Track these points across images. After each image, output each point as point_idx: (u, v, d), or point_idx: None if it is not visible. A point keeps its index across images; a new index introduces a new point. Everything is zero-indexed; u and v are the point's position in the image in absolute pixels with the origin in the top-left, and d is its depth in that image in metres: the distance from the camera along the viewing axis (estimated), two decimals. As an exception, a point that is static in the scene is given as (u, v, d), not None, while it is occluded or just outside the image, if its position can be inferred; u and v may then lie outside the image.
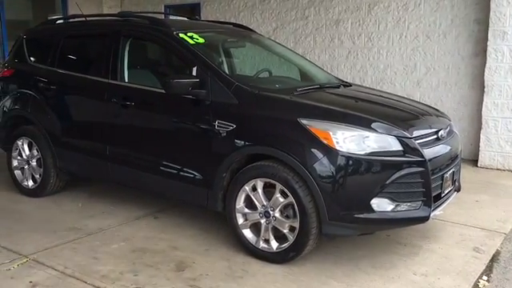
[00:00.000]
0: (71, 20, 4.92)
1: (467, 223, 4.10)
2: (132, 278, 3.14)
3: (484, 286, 3.15)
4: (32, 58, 4.82)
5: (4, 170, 5.03)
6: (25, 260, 3.36)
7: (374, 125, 3.22)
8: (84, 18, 4.75)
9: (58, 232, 3.87)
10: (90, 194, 4.81)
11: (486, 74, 5.87)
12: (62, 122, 4.45)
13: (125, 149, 4.05)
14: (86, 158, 4.31)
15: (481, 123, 6.00)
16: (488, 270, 3.34)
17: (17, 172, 4.81)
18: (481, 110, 6.00)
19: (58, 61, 4.57)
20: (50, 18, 8.21)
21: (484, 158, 5.99)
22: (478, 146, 6.03)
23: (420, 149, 3.20)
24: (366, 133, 3.17)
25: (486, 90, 5.90)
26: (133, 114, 3.96)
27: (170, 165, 3.76)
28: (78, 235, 3.81)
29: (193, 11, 8.70)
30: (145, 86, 4.01)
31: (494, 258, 3.51)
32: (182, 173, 3.71)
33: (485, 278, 3.24)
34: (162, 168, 3.80)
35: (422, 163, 3.16)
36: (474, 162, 6.07)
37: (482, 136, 5.98)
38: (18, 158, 4.78)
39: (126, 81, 4.09)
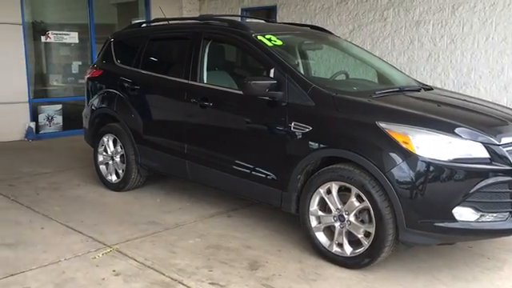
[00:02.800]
0: (155, 24, 5.13)
1: (559, 239, 3.80)
2: (207, 273, 3.23)
3: None
4: (118, 60, 5.09)
5: (91, 165, 5.36)
6: (109, 250, 3.56)
7: (457, 130, 3.08)
8: (167, 22, 4.95)
9: (138, 225, 4.06)
10: (168, 190, 4.99)
11: None
12: (144, 120, 4.66)
13: (202, 148, 4.17)
14: (165, 156, 4.48)
15: None
16: None
17: (102, 167, 5.10)
18: None
19: (142, 62, 4.80)
20: (133, 22, 8.68)
21: None
22: None
23: (509, 157, 3.01)
24: (450, 138, 3.04)
25: None
26: (211, 113, 4.07)
27: (245, 165, 3.83)
28: (156, 229, 3.98)
29: (269, 14, 8.79)
30: (223, 87, 4.11)
31: None
32: (256, 173, 3.76)
33: None
34: (237, 167, 3.87)
35: (511, 172, 2.98)
36: None
37: None
38: (104, 153, 5.07)
39: (205, 82, 4.21)
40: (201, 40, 4.26)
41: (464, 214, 2.98)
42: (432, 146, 3.03)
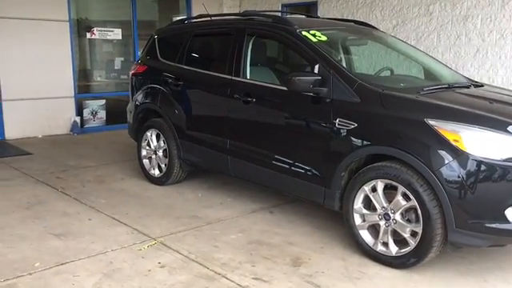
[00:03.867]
0: (198, 20, 5.17)
1: None
2: (250, 268, 3.24)
3: None
4: (162, 56, 5.16)
5: (134, 159, 5.47)
6: (153, 242, 3.62)
7: (511, 128, 2.96)
8: (210, 18, 4.98)
9: (181, 219, 4.12)
10: (209, 185, 5.04)
11: None
12: (187, 115, 4.71)
13: (245, 143, 4.18)
14: (208, 151, 4.52)
15: None
16: None
17: (145, 161, 5.20)
18: None
19: (186, 58, 4.85)
20: (174, 18, 8.79)
21: None
22: None
23: None
24: (503, 136, 2.93)
25: None
26: (254, 109, 4.07)
27: (289, 161, 3.81)
28: (199, 223, 4.02)
29: (309, 9, 8.71)
30: (266, 82, 4.10)
31: None
32: (299, 169, 3.74)
33: None
34: (280, 164, 3.87)
35: None
36: None
37: None
38: (147, 148, 5.16)
39: (248, 78, 4.21)
40: (244, 36, 4.27)
41: (517, 216, 2.87)
42: (484, 144, 2.93)
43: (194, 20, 5.32)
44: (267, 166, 3.96)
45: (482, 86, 4.09)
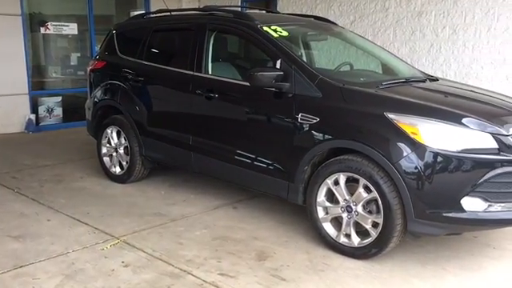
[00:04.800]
0: (158, 15, 5.09)
1: None
2: (216, 264, 3.24)
3: None
4: (121, 51, 5.06)
5: (94, 157, 5.35)
6: (116, 241, 3.56)
7: (465, 120, 3.08)
8: (169, 13, 4.92)
9: (144, 217, 4.06)
10: (172, 182, 4.99)
11: None
12: (149, 112, 4.64)
13: (208, 139, 4.17)
14: (170, 148, 4.48)
15: None
16: None
17: (105, 159, 5.09)
18: None
19: (146, 54, 4.77)
20: (133, 13, 8.62)
21: None
22: None
23: (517, 147, 3.02)
24: (458, 129, 3.05)
25: None
26: (216, 105, 4.06)
27: (252, 156, 3.83)
28: (162, 221, 3.98)
29: (269, 4, 8.74)
30: (228, 78, 4.10)
31: None
32: (263, 164, 3.76)
33: None
34: (244, 159, 3.88)
35: (519, 162, 2.99)
36: None
37: None
38: (107, 145, 5.06)
39: (210, 73, 4.19)
40: (205, 31, 4.24)
41: (472, 204, 2.99)
42: (440, 136, 3.03)
43: (154, 15, 5.24)
44: (231, 161, 3.96)
45: (437, 80, 4.23)
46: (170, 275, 3.09)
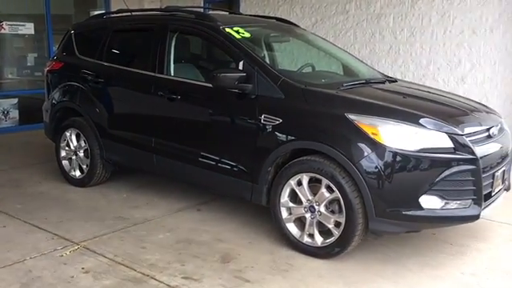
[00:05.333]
0: (118, 15, 5.00)
1: (516, 223, 4.00)
2: (179, 267, 3.21)
3: (536, 287, 3.07)
4: (80, 52, 4.94)
5: (52, 161, 5.19)
6: (76, 247, 3.47)
7: (422, 121, 3.17)
8: (130, 13, 4.84)
9: (105, 221, 3.98)
10: (134, 185, 4.91)
11: (535, 70, 5.68)
12: (109, 114, 4.55)
13: (171, 141, 4.12)
14: (132, 150, 4.40)
15: (528, 121, 5.81)
16: (539, 272, 3.25)
17: (64, 162, 4.96)
18: (528, 107, 5.81)
19: (106, 54, 4.68)
20: (92, 13, 8.43)
21: (531, 157, 5.79)
22: (525, 145, 5.83)
23: (471, 146, 3.13)
24: (415, 129, 3.13)
25: (534, 87, 5.71)
26: (179, 107, 4.02)
27: (216, 158, 3.81)
28: (124, 224, 3.91)
29: (231, 6, 8.73)
30: (191, 79, 4.07)
31: (546, 260, 3.42)
32: (226, 166, 3.75)
33: (536, 279, 3.16)
34: (207, 161, 3.85)
35: (474, 161, 3.10)
36: (520, 161, 5.88)
37: (529, 134, 5.79)
38: (66, 148, 4.92)
39: (173, 74, 4.15)
40: (167, 32, 4.20)
41: (430, 202, 3.07)
42: (399, 136, 3.10)
43: (114, 15, 5.14)
44: (194, 163, 3.93)
45: (396, 81, 4.33)
46: (132, 280, 3.03)
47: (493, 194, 3.36)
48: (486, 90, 6.31)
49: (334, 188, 3.20)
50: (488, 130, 3.40)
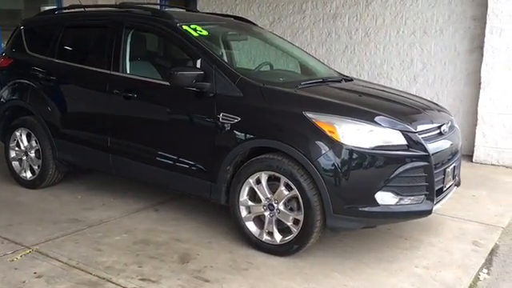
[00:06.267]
0: (71, 10, 4.85)
1: (466, 217, 4.15)
2: (137, 269, 3.14)
3: (484, 278, 3.21)
4: (31, 48, 4.76)
5: (1, 162, 4.97)
6: (28, 251, 3.34)
7: (377, 119, 3.24)
8: (83, 9, 4.70)
9: (58, 223, 3.85)
10: (89, 186, 4.78)
11: (482, 70, 5.93)
12: (62, 112, 4.41)
13: (127, 140, 4.04)
14: (87, 150, 4.28)
15: (476, 119, 6.06)
16: (488, 264, 3.40)
17: (14, 163, 4.76)
18: (476, 105, 6.06)
19: (58, 51, 4.52)
20: (43, 8, 8.14)
21: (479, 154, 6.06)
22: (474, 142, 6.09)
23: (424, 143, 3.23)
24: (371, 127, 3.19)
25: (482, 85, 5.95)
26: (135, 105, 3.94)
27: (174, 157, 3.76)
28: (79, 227, 3.80)
29: (188, 3, 8.65)
30: (148, 77, 3.99)
31: (493, 252, 3.57)
32: (184, 165, 3.71)
33: (485, 271, 3.30)
34: (165, 160, 3.80)
35: (426, 157, 3.20)
36: (469, 157, 6.12)
37: (477, 132, 6.05)
38: (16, 148, 4.73)
39: (128, 72, 4.06)
40: (122, 29, 4.10)
41: (385, 199, 3.15)
42: (355, 134, 3.16)
43: (66, 10, 4.98)
44: (151, 162, 3.87)
45: (352, 80, 4.41)
46: (87, 284, 2.95)
47: (444, 189, 3.48)
48: (436, 89, 6.55)
49: (293, 186, 3.22)
50: (439, 127, 3.52)
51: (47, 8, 7.62)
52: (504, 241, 3.77)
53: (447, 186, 3.54)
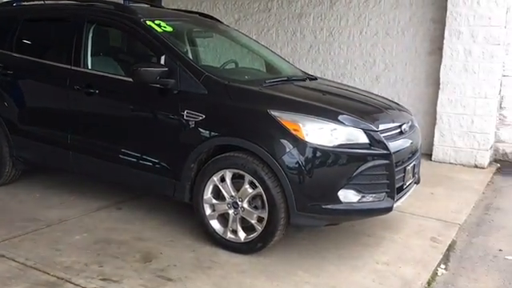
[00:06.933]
0: (31, 3, 4.69)
1: (424, 214, 4.27)
2: (97, 269, 3.08)
3: (442, 274, 3.31)
4: (-15, 42, 4.57)
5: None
6: (-18, 252, 3.22)
7: (341, 117, 3.28)
8: (43, 2, 4.56)
9: (15, 223, 3.72)
10: (47, 184, 4.64)
11: (441, 71, 6.10)
12: (20, 108, 4.28)
13: (88, 137, 3.94)
14: (46, 147, 4.16)
15: (435, 119, 6.24)
16: (445, 259, 3.50)
17: (-32, 161, 4.57)
18: (435, 105, 6.23)
19: (16, 45, 4.37)
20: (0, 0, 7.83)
21: (438, 153, 6.25)
22: (432, 141, 6.27)
23: (385, 142, 3.29)
24: (334, 125, 3.23)
25: (441, 86, 6.13)
26: (97, 101, 3.86)
27: (137, 155, 3.70)
28: (37, 226, 3.68)
29: (153, -1, 8.51)
30: (110, 73, 3.91)
31: (451, 248, 3.69)
32: (148, 163, 3.66)
33: (443, 266, 3.40)
34: (128, 158, 3.73)
35: (387, 156, 3.26)
36: (427, 156, 6.29)
37: (436, 131, 6.22)
38: (-30, 146, 4.54)
39: (90, 68, 3.97)
40: (84, 23, 4.00)
41: (347, 196, 3.19)
42: (319, 132, 3.19)
43: (25, 3, 4.81)
44: (114, 160, 3.79)
45: (316, 79, 4.46)
46: (45, 285, 2.86)
47: (404, 187, 3.57)
48: (397, 89, 6.70)
49: (257, 184, 3.22)
50: (400, 126, 3.60)
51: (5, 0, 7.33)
52: (461, 237, 3.90)
53: (407, 184, 3.63)
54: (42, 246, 3.35)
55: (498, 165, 6.21)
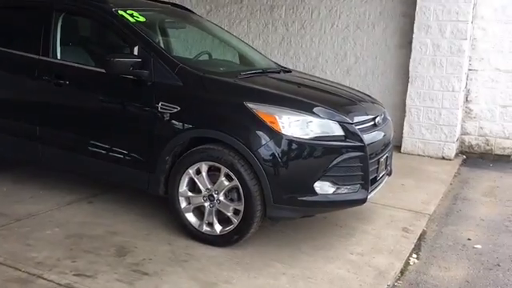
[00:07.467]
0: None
1: (395, 205, 4.35)
2: (70, 264, 3.01)
3: (414, 263, 3.39)
4: None
5: None
6: None
7: (316, 110, 3.30)
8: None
9: (-18, 218, 3.60)
10: (16, 178, 4.50)
11: (410, 65, 6.22)
12: (-15, 100, 4.11)
13: (58, 130, 3.84)
14: (13, 140, 4.03)
15: (404, 111, 6.36)
16: (416, 249, 3.59)
17: None
18: (404, 98, 6.35)
19: (-19, 34, 4.20)
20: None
21: (407, 145, 6.38)
22: (402, 133, 6.39)
23: (360, 134, 3.34)
24: (310, 118, 3.25)
25: (410, 80, 6.25)
26: (67, 93, 3.76)
27: (110, 147, 3.63)
28: (5, 221, 3.58)
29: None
30: (81, 64, 3.81)
31: (421, 237, 3.78)
32: (122, 156, 3.59)
33: (414, 255, 3.49)
34: (101, 151, 3.66)
35: (362, 148, 3.31)
36: (397, 148, 6.41)
37: (405, 124, 6.35)
38: None
39: (59, 58, 3.86)
40: (52, 12, 3.88)
41: (323, 188, 3.23)
42: (295, 125, 3.20)
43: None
44: (86, 153, 3.71)
45: (290, 71, 4.46)
46: (17, 281, 2.78)
47: (378, 178, 3.63)
48: (368, 82, 6.79)
49: (233, 176, 3.21)
50: (374, 119, 3.65)
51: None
52: (431, 227, 4.01)
53: (380, 176, 3.69)
54: (12, 242, 3.25)
55: (464, 156, 6.39)
